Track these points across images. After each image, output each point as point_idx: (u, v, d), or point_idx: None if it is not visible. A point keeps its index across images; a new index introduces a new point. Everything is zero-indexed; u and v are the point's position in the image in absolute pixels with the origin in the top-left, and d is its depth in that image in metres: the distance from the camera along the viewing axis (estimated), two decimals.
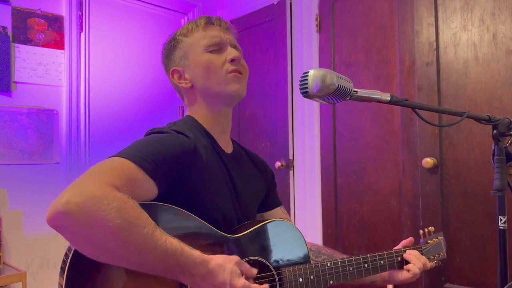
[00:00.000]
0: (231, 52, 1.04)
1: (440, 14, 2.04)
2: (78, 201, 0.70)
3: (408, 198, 2.13)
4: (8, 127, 2.36)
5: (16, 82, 2.39)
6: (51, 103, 2.52)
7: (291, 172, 2.70)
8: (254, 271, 0.87)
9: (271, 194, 1.24)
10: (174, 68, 1.09)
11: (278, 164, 2.73)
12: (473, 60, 1.93)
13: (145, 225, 0.74)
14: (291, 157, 2.70)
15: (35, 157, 2.45)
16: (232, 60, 1.04)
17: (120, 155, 0.84)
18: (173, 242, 0.77)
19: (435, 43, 2.04)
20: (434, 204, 2.02)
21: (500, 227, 0.92)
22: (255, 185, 1.17)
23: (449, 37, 2.01)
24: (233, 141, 1.18)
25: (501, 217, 0.92)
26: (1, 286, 2.05)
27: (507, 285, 0.90)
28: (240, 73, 1.05)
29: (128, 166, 0.81)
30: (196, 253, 0.80)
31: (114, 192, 0.74)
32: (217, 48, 1.05)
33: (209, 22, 1.07)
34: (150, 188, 0.84)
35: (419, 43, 2.10)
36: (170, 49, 1.10)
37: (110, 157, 0.84)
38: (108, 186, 0.74)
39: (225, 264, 0.81)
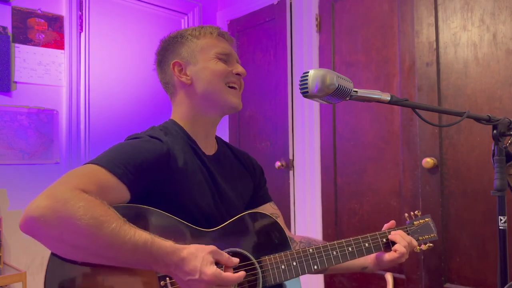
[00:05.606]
0: (238, 67, 1.13)
1: (440, 14, 2.04)
2: (47, 204, 0.74)
3: (408, 198, 2.13)
4: (8, 127, 2.35)
5: (16, 82, 2.39)
6: (51, 103, 2.52)
7: (291, 172, 2.70)
8: (235, 260, 0.89)
9: (260, 191, 1.26)
10: (177, 61, 1.10)
11: (278, 164, 2.73)
12: (473, 60, 1.93)
13: (113, 221, 0.78)
14: (291, 157, 2.70)
15: (35, 157, 2.45)
16: (237, 74, 1.11)
17: (93, 161, 0.88)
18: (143, 234, 0.80)
19: (435, 43, 2.04)
20: (434, 204, 2.02)
21: (500, 227, 0.92)
22: (241, 184, 1.19)
23: (449, 37, 2.01)
24: (219, 142, 1.20)
25: (501, 217, 0.92)
26: (1, 286, 2.05)
27: (507, 285, 0.90)
28: (237, 86, 1.13)
29: (99, 171, 0.86)
30: (168, 243, 0.82)
31: (81, 194, 0.78)
32: (226, 58, 1.11)
33: (221, 34, 1.14)
34: (121, 193, 0.88)
35: (419, 43, 2.10)
36: (175, 43, 1.12)
37: (84, 164, 0.89)
38: (75, 189, 0.78)
39: (197, 252, 0.83)
